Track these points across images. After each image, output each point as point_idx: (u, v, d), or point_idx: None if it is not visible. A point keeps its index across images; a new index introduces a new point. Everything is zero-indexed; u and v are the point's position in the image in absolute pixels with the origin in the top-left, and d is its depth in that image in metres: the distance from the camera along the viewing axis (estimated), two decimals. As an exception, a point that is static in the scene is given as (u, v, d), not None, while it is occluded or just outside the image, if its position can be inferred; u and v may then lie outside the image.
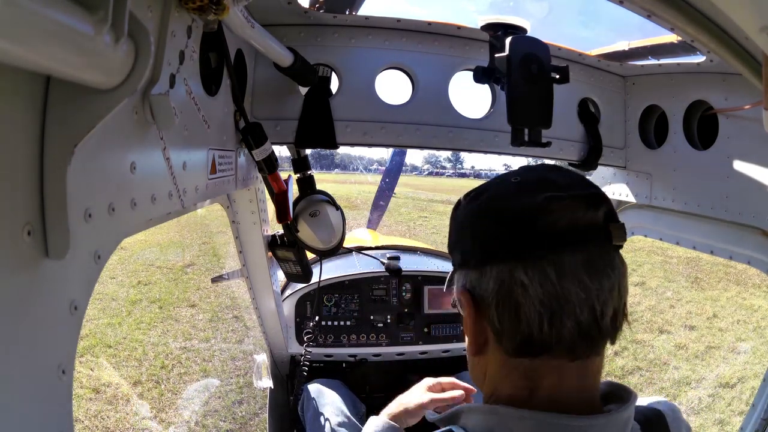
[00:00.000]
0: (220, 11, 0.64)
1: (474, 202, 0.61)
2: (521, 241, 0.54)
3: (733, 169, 1.15)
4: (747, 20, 0.64)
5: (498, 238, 0.56)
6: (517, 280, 0.53)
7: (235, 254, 1.50)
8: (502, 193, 0.58)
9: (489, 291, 0.56)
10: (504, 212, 0.56)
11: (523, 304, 0.53)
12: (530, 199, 0.54)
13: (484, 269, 0.56)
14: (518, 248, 0.54)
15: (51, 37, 0.34)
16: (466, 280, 0.59)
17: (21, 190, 0.40)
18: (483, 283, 0.56)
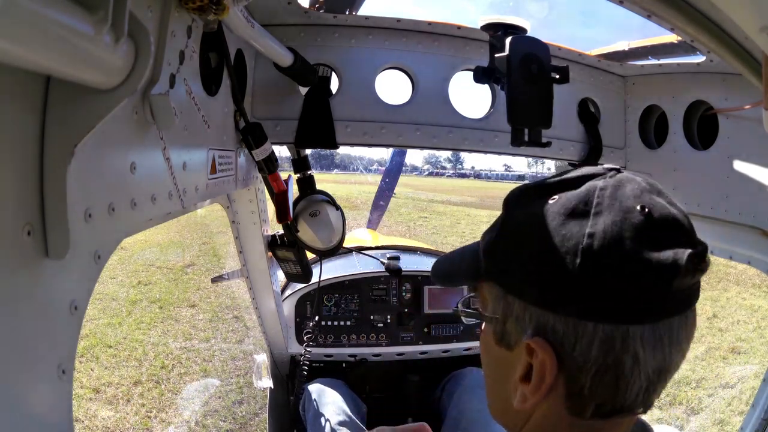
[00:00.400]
0: (220, 11, 0.64)
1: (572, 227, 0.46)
2: (648, 304, 0.44)
3: (733, 169, 1.15)
4: (747, 20, 0.64)
5: (618, 296, 0.44)
6: (630, 348, 0.44)
7: (235, 254, 1.50)
8: (627, 233, 0.44)
9: (589, 356, 0.44)
10: (631, 266, 0.43)
11: (627, 377, 0.44)
12: (666, 252, 0.43)
13: (581, 324, 0.44)
14: (641, 312, 0.44)
15: (51, 37, 0.34)
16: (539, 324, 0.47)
17: (21, 190, 0.40)
18: (579, 342, 0.45)
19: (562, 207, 0.47)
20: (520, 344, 0.49)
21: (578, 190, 0.48)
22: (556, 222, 0.47)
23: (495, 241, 0.53)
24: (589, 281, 0.44)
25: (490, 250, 0.54)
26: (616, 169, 0.50)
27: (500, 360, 0.53)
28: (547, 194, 0.50)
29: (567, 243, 0.45)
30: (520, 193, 0.54)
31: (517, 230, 0.51)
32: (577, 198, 0.47)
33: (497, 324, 0.52)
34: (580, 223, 0.46)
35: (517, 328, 0.49)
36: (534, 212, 0.49)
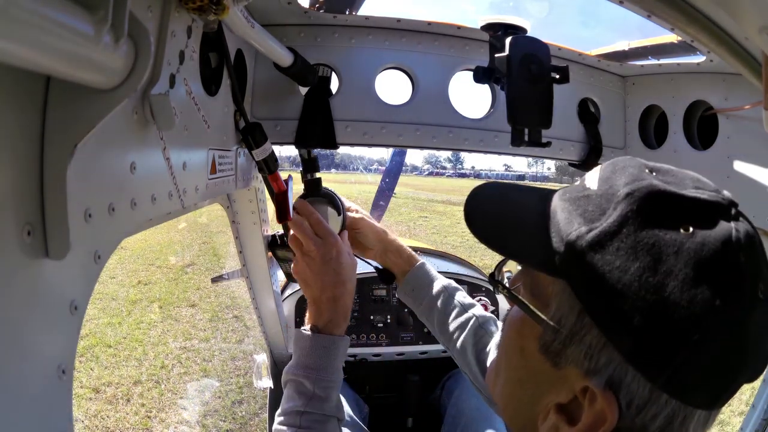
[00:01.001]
0: (220, 11, 0.64)
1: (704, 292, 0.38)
2: (732, 393, 0.41)
3: (733, 169, 1.15)
4: (747, 20, 0.64)
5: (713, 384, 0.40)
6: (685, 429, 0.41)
7: (235, 254, 1.50)
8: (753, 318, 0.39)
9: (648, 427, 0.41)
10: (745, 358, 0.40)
11: None
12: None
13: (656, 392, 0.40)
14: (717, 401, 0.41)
15: (51, 37, 0.34)
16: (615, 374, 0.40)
17: (21, 190, 0.40)
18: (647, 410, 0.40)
19: (698, 254, 0.39)
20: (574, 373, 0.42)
21: (714, 233, 0.40)
22: (688, 272, 0.39)
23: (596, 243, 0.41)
24: (695, 359, 0.38)
25: (583, 249, 0.42)
26: (735, 204, 0.44)
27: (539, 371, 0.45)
28: (680, 216, 0.41)
29: (693, 308, 0.38)
30: (649, 196, 0.41)
31: (636, 253, 0.40)
32: (714, 247, 0.39)
33: (554, 337, 0.44)
34: (713, 290, 0.38)
35: (583, 362, 0.42)
36: (664, 238, 0.40)
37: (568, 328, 0.43)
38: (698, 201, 0.42)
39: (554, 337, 0.44)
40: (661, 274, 0.39)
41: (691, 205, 0.41)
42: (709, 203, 0.42)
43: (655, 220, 0.41)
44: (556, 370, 0.44)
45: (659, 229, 0.40)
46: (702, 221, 0.41)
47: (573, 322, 0.42)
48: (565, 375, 0.43)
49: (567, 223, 0.44)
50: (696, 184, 0.44)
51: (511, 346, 0.50)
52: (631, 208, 0.41)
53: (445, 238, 11.08)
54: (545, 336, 0.45)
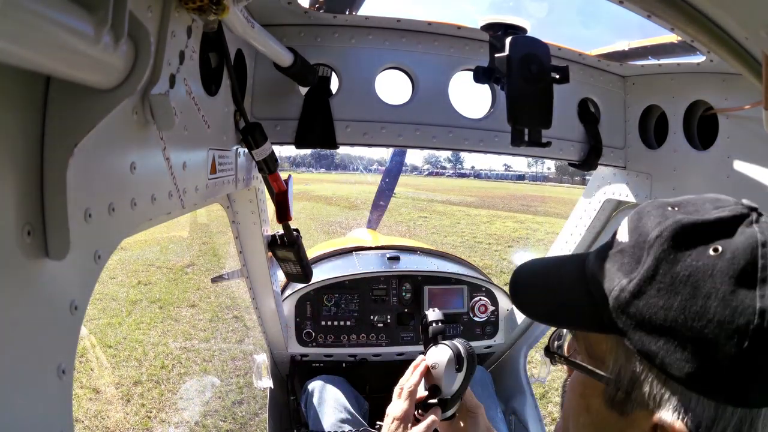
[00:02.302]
0: (220, 11, 0.64)
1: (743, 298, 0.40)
2: None
3: (733, 169, 1.15)
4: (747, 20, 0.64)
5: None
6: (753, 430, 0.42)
7: (235, 254, 1.50)
8: None
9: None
10: None
11: None
12: None
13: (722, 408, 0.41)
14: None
15: (51, 37, 0.34)
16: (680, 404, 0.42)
17: (21, 190, 0.40)
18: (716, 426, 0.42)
19: (730, 267, 0.41)
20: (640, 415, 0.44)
21: (738, 241, 0.42)
22: (725, 287, 0.41)
23: (637, 292, 0.44)
24: (750, 366, 0.40)
25: (626, 300, 0.45)
26: (755, 208, 0.46)
27: (606, 423, 0.47)
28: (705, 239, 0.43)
29: (738, 319, 0.40)
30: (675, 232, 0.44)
31: (675, 288, 0.42)
32: (743, 256, 0.41)
33: (617, 389, 0.46)
34: (750, 293, 0.40)
35: (647, 402, 0.43)
36: (697, 266, 0.42)
37: (628, 377, 0.45)
38: (721, 220, 0.44)
39: (617, 388, 0.46)
40: (702, 299, 0.41)
41: (713, 225, 0.44)
42: (730, 218, 0.44)
43: (685, 252, 0.43)
44: (624, 418, 0.46)
45: (692, 259, 0.43)
46: (726, 235, 0.43)
47: (632, 371, 0.45)
48: (634, 419, 0.45)
49: (609, 281, 0.47)
50: (716, 205, 0.46)
51: (577, 408, 0.52)
52: (662, 248, 0.44)
53: (445, 238, 11.08)
54: (608, 390, 0.47)
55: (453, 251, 2.90)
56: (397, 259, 2.17)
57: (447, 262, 2.31)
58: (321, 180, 34.71)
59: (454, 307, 2.05)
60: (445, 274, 2.07)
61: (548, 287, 0.55)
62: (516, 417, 2.06)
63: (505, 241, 11.11)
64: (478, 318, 2.04)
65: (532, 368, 2.18)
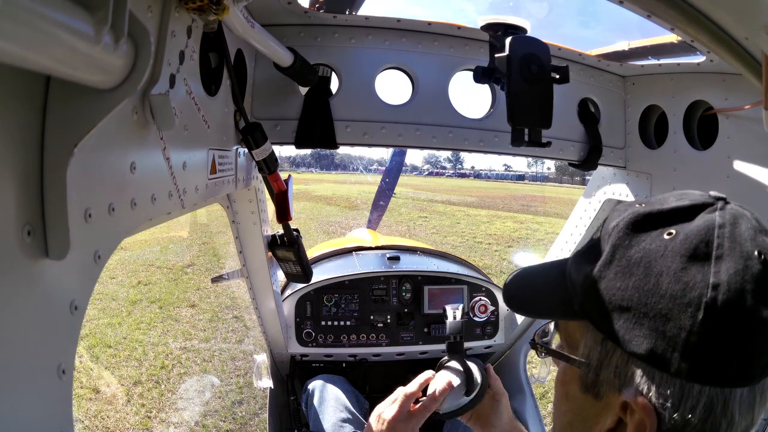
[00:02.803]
0: (220, 11, 0.64)
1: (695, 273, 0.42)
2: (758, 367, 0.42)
3: (733, 169, 1.15)
4: (747, 20, 0.64)
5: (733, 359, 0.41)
6: (729, 412, 0.41)
7: (235, 254, 1.50)
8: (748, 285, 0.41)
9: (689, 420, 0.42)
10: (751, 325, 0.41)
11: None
12: None
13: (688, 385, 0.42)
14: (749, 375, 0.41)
15: (51, 37, 0.34)
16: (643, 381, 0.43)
17: (21, 190, 0.40)
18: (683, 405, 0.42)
19: (682, 246, 0.43)
20: (612, 396, 0.45)
21: (695, 224, 0.44)
22: (676, 264, 0.42)
23: (598, 277, 0.47)
24: (708, 340, 0.40)
25: (590, 286, 0.47)
26: (723, 198, 0.47)
27: (583, 408, 0.49)
28: (661, 225, 0.45)
29: (690, 293, 0.41)
30: (631, 221, 0.47)
31: (630, 269, 0.45)
32: (698, 236, 0.43)
33: (588, 371, 0.48)
34: (702, 269, 0.41)
35: (615, 381, 0.45)
36: (650, 248, 0.44)
37: (596, 358, 0.47)
38: (677, 209, 0.46)
39: (588, 370, 0.48)
40: (654, 277, 0.43)
41: (671, 214, 0.46)
42: (690, 206, 0.46)
43: (639, 238, 0.46)
44: (598, 401, 0.47)
45: (645, 243, 0.45)
46: (684, 221, 0.45)
47: (599, 351, 0.47)
48: (607, 402, 0.46)
49: (577, 272, 0.51)
50: (679, 197, 0.48)
51: (559, 396, 0.54)
52: (619, 236, 0.47)
53: (445, 238, 11.08)
54: (582, 374, 0.49)
55: (453, 251, 2.91)
56: (397, 259, 2.17)
57: (447, 262, 2.31)
58: (321, 180, 34.71)
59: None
60: (445, 274, 2.07)
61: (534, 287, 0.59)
62: (516, 417, 2.06)
63: (505, 241, 11.11)
64: (478, 318, 2.04)
65: (532, 368, 2.18)
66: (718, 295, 0.40)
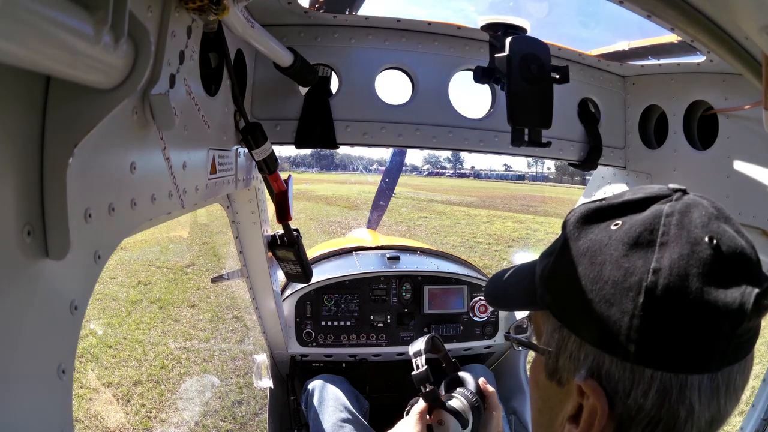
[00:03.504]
0: (220, 11, 0.64)
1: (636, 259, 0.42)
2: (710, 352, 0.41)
3: (733, 169, 1.15)
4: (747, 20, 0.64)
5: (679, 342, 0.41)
6: (687, 399, 0.41)
7: (235, 254, 1.50)
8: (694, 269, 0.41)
9: (643, 405, 0.42)
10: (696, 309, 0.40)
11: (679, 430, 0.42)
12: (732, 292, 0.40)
13: (638, 369, 0.42)
14: (702, 360, 0.41)
15: (51, 37, 0.34)
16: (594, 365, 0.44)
17: (21, 190, 0.40)
18: (635, 389, 0.42)
19: (626, 235, 0.44)
20: (572, 382, 0.46)
21: (643, 214, 0.45)
22: (618, 252, 0.44)
23: (552, 269, 0.49)
24: (650, 324, 0.41)
25: (546, 277, 0.50)
26: (682, 190, 0.47)
27: (549, 395, 0.50)
28: (610, 217, 0.46)
29: (630, 278, 0.42)
30: (581, 215, 0.49)
31: (577, 259, 0.47)
32: (642, 225, 0.44)
33: (550, 357, 0.49)
34: (645, 255, 0.42)
35: (570, 366, 0.46)
36: (596, 239, 0.46)
37: (555, 345, 0.49)
38: (629, 201, 0.47)
39: (550, 359, 0.49)
40: (598, 265, 0.45)
41: (621, 206, 0.47)
42: (644, 198, 0.47)
43: (588, 229, 0.47)
44: (561, 388, 0.49)
45: (592, 234, 0.47)
46: (634, 213, 0.46)
47: (557, 338, 0.48)
48: (569, 388, 0.47)
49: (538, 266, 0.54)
50: (635, 192, 0.49)
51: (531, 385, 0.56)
52: (569, 229, 0.49)
53: (445, 238, 11.08)
54: (546, 362, 0.50)
55: (453, 251, 2.90)
56: (397, 259, 2.17)
57: (447, 262, 2.31)
58: (321, 180, 34.70)
59: (454, 307, 2.05)
60: (445, 274, 2.07)
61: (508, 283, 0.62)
62: (516, 417, 2.06)
63: (505, 241, 11.11)
64: (478, 318, 2.04)
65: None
66: (659, 279, 0.41)
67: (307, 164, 70.75)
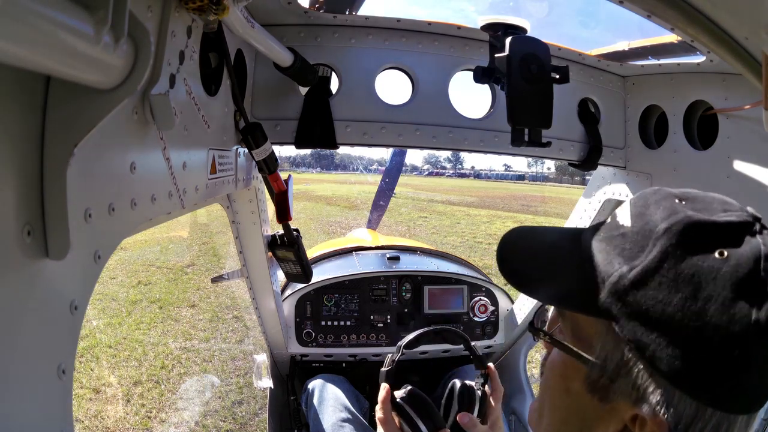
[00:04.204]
0: (220, 11, 0.64)
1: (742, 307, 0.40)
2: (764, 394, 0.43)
3: (733, 169, 1.15)
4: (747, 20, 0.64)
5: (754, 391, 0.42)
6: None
7: (235, 254, 1.51)
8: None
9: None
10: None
11: None
12: None
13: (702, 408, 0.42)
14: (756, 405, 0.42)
15: (51, 37, 0.34)
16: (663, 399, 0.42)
17: (21, 190, 0.40)
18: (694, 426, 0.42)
19: (733, 275, 0.41)
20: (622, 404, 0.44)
21: (743, 249, 0.42)
22: (726, 293, 0.41)
23: (639, 281, 0.44)
24: (737, 373, 0.40)
25: (625, 287, 0.44)
26: (758, 218, 0.45)
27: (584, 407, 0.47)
28: (713, 242, 0.43)
29: (733, 327, 0.40)
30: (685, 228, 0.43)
31: (677, 285, 0.42)
32: (747, 266, 0.41)
33: (601, 374, 0.45)
34: (750, 302, 0.40)
35: (631, 392, 0.44)
36: (702, 268, 0.42)
37: (614, 364, 0.45)
38: (731, 225, 0.44)
39: (601, 374, 0.45)
40: (702, 301, 0.41)
41: (724, 229, 0.43)
42: (739, 224, 0.44)
43: (693, 250, 0.43)
44: (604, 405, 0.46)
45: (698, 258, 0.42)
46: (733, 242, 0.43)
47: (619, 359, 0.44)
48: (615, 407, 0.45)
49: (607, 263, 0.46)
50: (724, 207, 0.45)
51: (556, 388, 0.51)
52: (670, 242, 0.43)
53: (445, 238, 11.08)
54: (591, 375, 0.46)
55: (453, 251, 2.90)
56: (397, 259, 2.17)
57: (447, 262, 2.31)
58: (321, 180, 34.70)
59: (454, 307, 2.05)
60: (445, 274, 2.07)
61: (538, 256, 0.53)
62: (516, 417, 2.06)
63: (505, 241, 11.08)
64: (478, 318, 2.04)
65: (532, 368, 2.18)
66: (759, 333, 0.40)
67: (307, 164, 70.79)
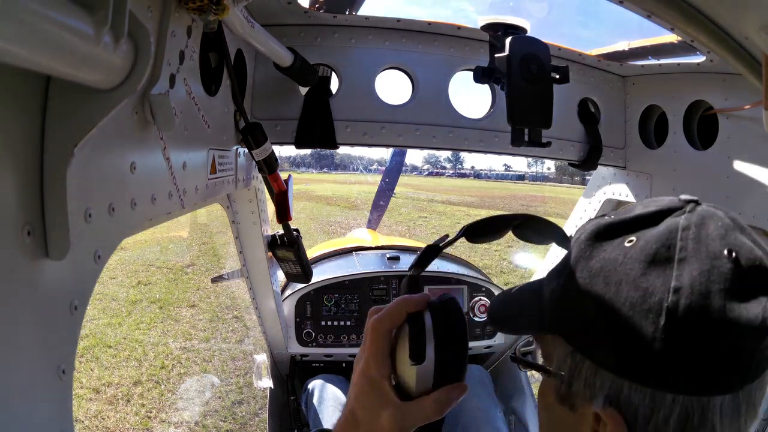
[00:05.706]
0: (220, 11, 0.64)
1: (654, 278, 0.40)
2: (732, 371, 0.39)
3: (733, 169, 1.15)
4: (747, 20, 0.65)
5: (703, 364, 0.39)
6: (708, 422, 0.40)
7: (235, 254, 1.51)
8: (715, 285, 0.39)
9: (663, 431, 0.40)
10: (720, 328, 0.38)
11: None
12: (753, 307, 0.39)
13: (659, 394, 0.40)
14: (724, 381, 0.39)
15: (51, 37, 0.34)
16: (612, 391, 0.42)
17: (21, 190, 0.40)
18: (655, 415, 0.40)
19: (642, 252, 0.42)
20: (585, 408, 0.45)
21: (657, 229, 0.43)
22: (635, 271, 0.41)
23: (563, 291, 0.47)
24: (672, 346, 0.39)
25: (557, 300, 0.47)
26: (694, 200, 0.46)
27: (560, 418, 0.49)
28: (623, 234, 0.44)
29: (649, 299, 0.40)
30: (592, 232, 0.46)
31: (590, 280, 0.44)
32: (658, 240, 0.42)
33: (561, 382, 0.47)
34: (664, 273, 0.40)
35: (585, 392, 0.44)
36: (609, 258, 0.43)
37: (567, 370, 0.46)
38: (641, 216, 0.45)
39: (562, 384, 0.47)
40: (614, 285, 0.42)
41: (634, 221, 0.45)
42: (656, 212, 0.45)
43: (600, 248, 0.45)
44: (574, 413, 0.47)
45: (605, 253, 0.44)
46: (646, 228, 0.44)
47: (569, 363, 0.46)
48: (582, 413, 0.46)
49: (547, 288, 0.51)
50: (646, 205, 0.47)
51: (540, 406, 0.54)
52: (579, 248, 0.47)
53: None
54: (557, 387, 0.48)
55: (453, 251, 2.90)
56: (397, 259, 2.17)
57: (447, 262, 2.31)
58: (321, 180, 34.67)
59: None
60: (445, 274, 2.07)
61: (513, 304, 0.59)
62: (516, 417, 2.06)
63: (505, 241, 11.10)
64: (478, 318, 2.04)
65: (532, 368, 2.17)
66: (681, 299, 0.39)
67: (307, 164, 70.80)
